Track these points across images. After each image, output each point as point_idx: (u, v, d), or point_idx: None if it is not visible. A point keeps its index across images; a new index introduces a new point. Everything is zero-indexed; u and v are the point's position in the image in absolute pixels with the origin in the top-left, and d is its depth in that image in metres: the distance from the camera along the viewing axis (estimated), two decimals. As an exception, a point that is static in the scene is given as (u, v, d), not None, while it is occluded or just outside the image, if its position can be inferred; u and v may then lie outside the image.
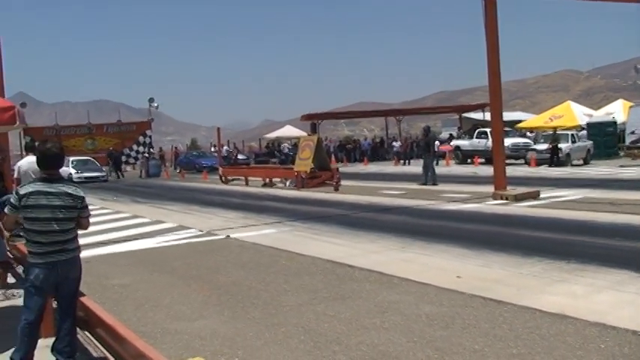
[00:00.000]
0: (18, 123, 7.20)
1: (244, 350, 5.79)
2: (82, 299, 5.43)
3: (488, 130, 31.93)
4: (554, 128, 34.73)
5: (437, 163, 29.31)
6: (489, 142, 28.78)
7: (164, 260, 10.65)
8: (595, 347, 5.44)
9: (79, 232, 5.21)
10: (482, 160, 34.34)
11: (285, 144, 50.55)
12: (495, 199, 16.95)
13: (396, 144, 46.63)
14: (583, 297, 7.06)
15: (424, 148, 23.75)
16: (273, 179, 27.51)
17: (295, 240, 12.07)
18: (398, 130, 54.30)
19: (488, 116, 34.98)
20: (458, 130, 47.96)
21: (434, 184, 22.22)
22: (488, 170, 23.16)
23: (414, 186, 22.19)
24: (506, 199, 16.69)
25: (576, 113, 39.82)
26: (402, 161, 41.13)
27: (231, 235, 12.93)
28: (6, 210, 5.19)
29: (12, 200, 5.03)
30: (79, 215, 5.09)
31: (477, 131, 36.99)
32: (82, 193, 5.09)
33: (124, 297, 8.15)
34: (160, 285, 8.77)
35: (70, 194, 5.00)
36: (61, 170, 5.23)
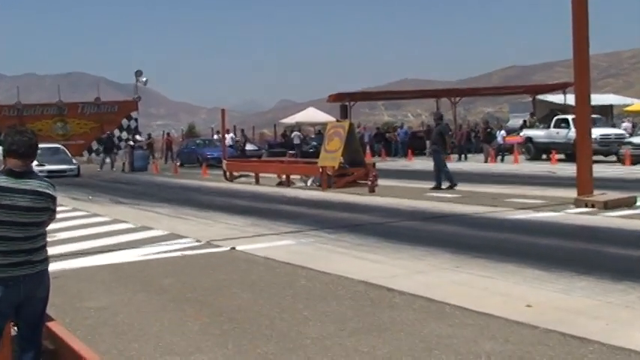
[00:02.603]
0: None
1: (253, 394, 5.82)
2: (50, 325, 5.50)
3: (570, 117, 31.65)
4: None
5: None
6: (571, 133, 28.58)
7: (152, 277, 10.74)
8: None
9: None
10: (562, 156, 34.10)
11: (297, 132, 49.92)
12: (579, 206, 16.81)
13: None
14: (691, 335, 6.99)
15: (437, 139, 23.16)
16: (292, 177, 27.57)
17: (319, 254, 12.11)
18: (452, 116, 53.99)
19: (570, 99, 34.79)
20: (531, 117, 47.71)
21: (453, 185, 21.93)
22: (569, 169, 22.98)
23: (467, 187, 22.02)
24: (593, 206, 16.55)
25: None
26: (455, 155, 40.83)
27: (237, 247, 13.00)
28: None
29: None
30: (48, 217, 5.19)
31: (555, 118, 36.77)
32: (54, 193, 5.18)
33: (102, 323, 8.23)
34: (147, 309, 8.85)
35: (40, 193, 5.08)
36: None
